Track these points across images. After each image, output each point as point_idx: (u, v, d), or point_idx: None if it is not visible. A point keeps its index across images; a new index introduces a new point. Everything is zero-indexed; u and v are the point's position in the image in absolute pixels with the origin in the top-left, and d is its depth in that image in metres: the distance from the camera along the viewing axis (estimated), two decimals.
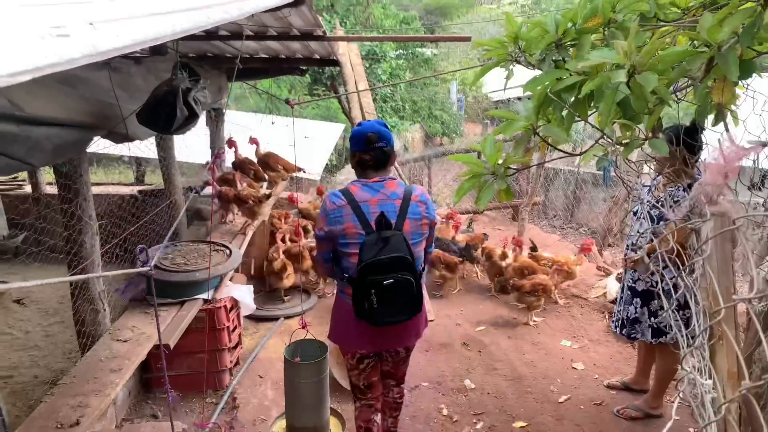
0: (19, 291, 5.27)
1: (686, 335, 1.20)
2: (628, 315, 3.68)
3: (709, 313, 1.25)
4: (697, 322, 1.25)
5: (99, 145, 3.56)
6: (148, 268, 1.57)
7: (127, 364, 3.10)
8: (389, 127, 2.81)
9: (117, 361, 3.11)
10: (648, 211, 3.33)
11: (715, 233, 1.17)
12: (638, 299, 3.61)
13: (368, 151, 2.65)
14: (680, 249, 1.45)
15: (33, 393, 3.87)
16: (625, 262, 3.63)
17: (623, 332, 3.73)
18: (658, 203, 2.99)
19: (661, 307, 3.48)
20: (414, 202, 2.68)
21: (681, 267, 1.34)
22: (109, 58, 0.97)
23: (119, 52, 1.03)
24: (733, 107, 1.81)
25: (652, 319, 3.53)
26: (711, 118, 2.00)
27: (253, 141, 5.60)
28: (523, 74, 2.05)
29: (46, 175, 6.46)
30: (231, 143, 5.48)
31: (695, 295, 1.32)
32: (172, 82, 2.90)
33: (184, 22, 1.30)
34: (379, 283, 2.49)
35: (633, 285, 3.64)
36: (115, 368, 3.05)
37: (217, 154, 5.17)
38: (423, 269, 2.81)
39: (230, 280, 4.34)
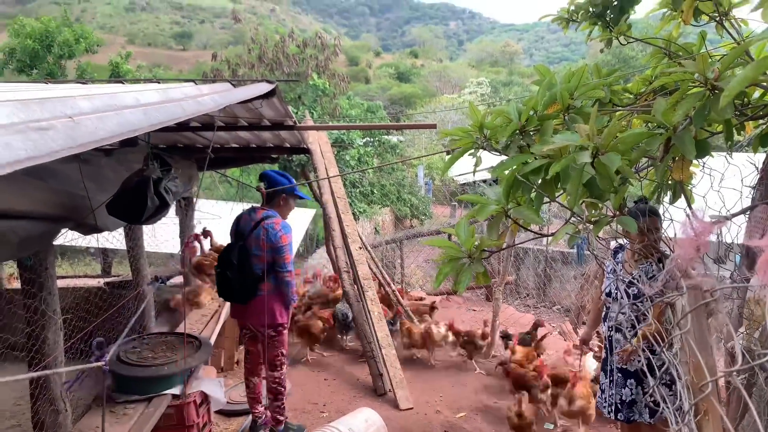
0: None
1: (674, 412, 1.19)
2: (623, 398, 3.53)
3: (692, 388, 1.24)
4: (683, 397, 1.24)
5: (66, 237, 3.50)
6: (103, 363, 1.51)
7: None
8: (288, 175, 4.31)
9: None
10: (625, 290, 3.34)
11: (692, 306, 1.19)
12: (632, 380, 3.49)
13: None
14: (658, 325, 1.46)
15: None
16: (618, 357, 3.51)
17: (619, 417, 3.56)
18: (632, 280, 3.04)
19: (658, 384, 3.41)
20: (260, 227, 4.00)
21: (661, 343, 1.35)
22: (88, 150, 0.98)
23: (98, 144, 1.04)
24: (688, 186, 1.90)
25: (648, 398, 3.41)
26: (669, 196, 2.09)
27: (206, 234, 5.48)
28: (488, 158, 2.13)
29: (8, 268, 6.27)
30: (206, 233, 5.44)
31: (678, 371, 1.32)
32: (144, 173, 2.92)
33: (160, 114, 1.33)
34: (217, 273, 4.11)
35: (625, 366, 3.51)
36: None
37: (187, 242, 5.12)
38: (264, 275, 4.00)
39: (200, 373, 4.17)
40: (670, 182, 1.99)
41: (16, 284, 5.89)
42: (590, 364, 5.51)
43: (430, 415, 4.96)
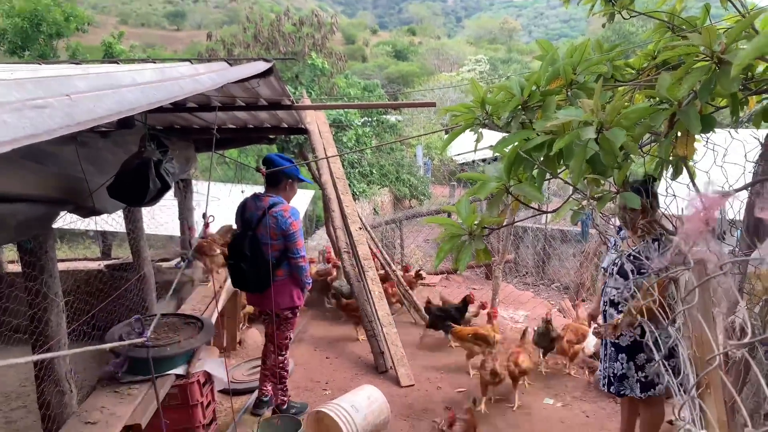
0: None
1: (677, 385, 1.19)
2: (615, 372, 3.60)
3: (696, 362, 1.24)
4: (686, 371, 1.25)
5: (64, 220, 3.49)
6: (145, 339, 1.52)
7: None
8: (292, 160, 4.20)
9: None
10: (622, 265, 3.36)
11: (698, 281, 1.19)
12: (623, 354, 3.56)
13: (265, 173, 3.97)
14: (661, 300, 1.46)
15: None
16: (604, 329, 3.57)
17: (611, 390, 3.65)
18: (631, 256, 3.04)
19: (648, 360, 3.46)
20: (267, 214, 3.94)
21: (666, 317, 1.35)
22: (85, 128, 0.97)
23: (96, 122, 1.03)
24: (690, 162, 1.89)
25: (639, 373, 3.48)
26: (670, 171, 2.08)
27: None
28: (487, 138, 2.11)
29: (8, 252, 6.27)
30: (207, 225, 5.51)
31: (681, 345, 1.33)
32: (143, 154, 2.90)
33: (158, 93, 1.31)
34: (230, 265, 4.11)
35: (616, 341, 3.57)
36: None
37: (206, 223, 5.12)
38: (279, 262, 4.01)
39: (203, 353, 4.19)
40: (671, 158, 1.98)
41: (15, 268, 5.89)
42: (590, 340, 5.55)
43: (431, 391, 5.00)
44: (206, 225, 4.86)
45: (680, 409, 1.11)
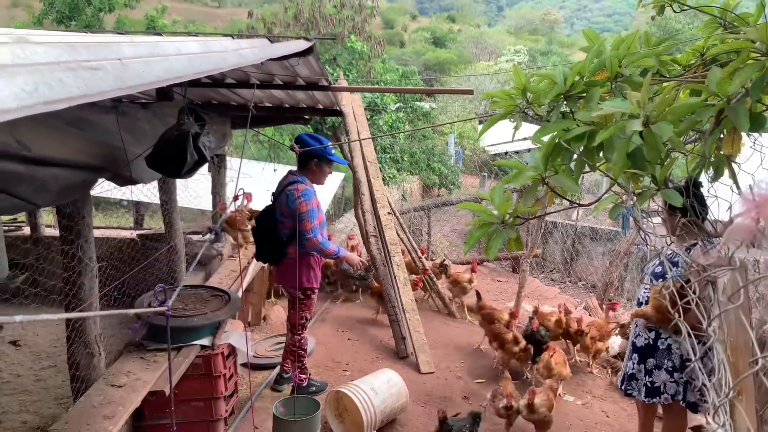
0: (13, 332, 5.16)
1: (713, 388, 1.17)
2: (626, 370, 3.62)
3: (729, 367, 1.22)
4: (719, 375, 1.22)
5: (101, 188, 3.56)
6: (166, 308, 1.55)
7: (121, 410, 3.01)
8: (323, 140, 4.26)
9: (111, 408, 3.02)
10: (654, 269, 3.33)
11: (741, 283, 1.16)
12: (636, 355, 3.55)
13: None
14: (697, 300, 1.43)
15: None
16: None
17: (622, 387, 3.66)
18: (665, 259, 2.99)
19: (657, 367, 3.43)
20: (284, 192, 4.12)
21: (701, 319, 1.32)
22: (136, 92, 0.99)
23: (146, 87, 1.05)
24: (734, 162, 1.83)
25: (647, 377, 3.47)
26: (711, 174, 2.02)
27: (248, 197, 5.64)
28: (521, 130, 2.08)
29: (46, 216, 6.44)
30: (248, 196, 5.60)
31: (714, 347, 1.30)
32: (182, 126, 2.93)
33: (203, 63, 1.32)
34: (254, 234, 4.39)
35: (634, 340, 3.60)
36: (109, 415, 2.95)
37: (236, 196, 5.19)
38: (289, 240, 4.13)
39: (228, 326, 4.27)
40: (714, 158, 1.92)
41: (52, 232, 6.05)
42: (614, 340, 5.49)
43: (450, 380, 5.01)
44: (235, 198, 4.90)
45: (714, 413, 1.09)
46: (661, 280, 3.40)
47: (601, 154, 1.68)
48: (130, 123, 3.38)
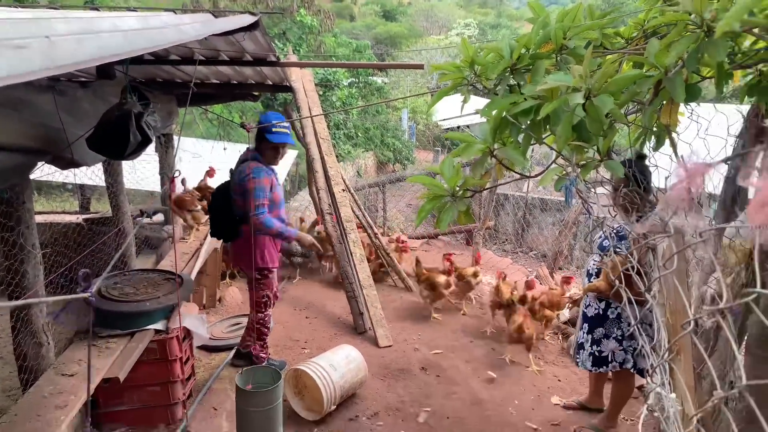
0: None
1: (651, 350, 1.23)
2: (577, 339, 3.76)
3: (669, 329, 1.28)
4: (659, 337, 1.28)
5: (42, 171, 3.42)
6: (89, 294, 1.50)
7: (74, 399, 2.94)
8: (282, 119, 4.21)
9: (62, 397, 2.94)
10: (602, 241, 3.44)
11: (677, 249, 1.21)
12: (586, 324, 3.68)
13: None
14: (639, 267, 1.49)
15: None
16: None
17: (572, 354, 3.81)
18: (612, 233, 3.09)
19: (605, 336, 3.57)
20: (237, 168, 4.12)
21: (642, 285, 1.38)
22: (66, 72, 0.94)
23: (77, 66, 1.00)
24: (673, 132, 1.90)
25: (594, 347, 3.61)
26: (653, 143, 2.09)
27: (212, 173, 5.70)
28: (472, 103, 2.10)
29: None
30: (212, 172, 5.66)
31: (654, 311, 1.36)
32: (123, 106, 2.83)
33: (141, 40, 1.27)
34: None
35: (584, 310, 3.72)
36: (61, 404, 2.88)
37: (172, 178, 5.07)
38: (241, 218, 4.09)
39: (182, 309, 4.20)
40: (655, 128, 1.99)
41: None
42: (564, 312, 5.66)
43: (408, 353, 5.09)
44: (171, 180, 4.77)
45: (652, 373, 1.14)
46: (607, 251, 3.51)
47: (547, 127, 1.71)
48: (69, 103, 3.24)
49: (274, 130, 4.01)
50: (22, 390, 3.20)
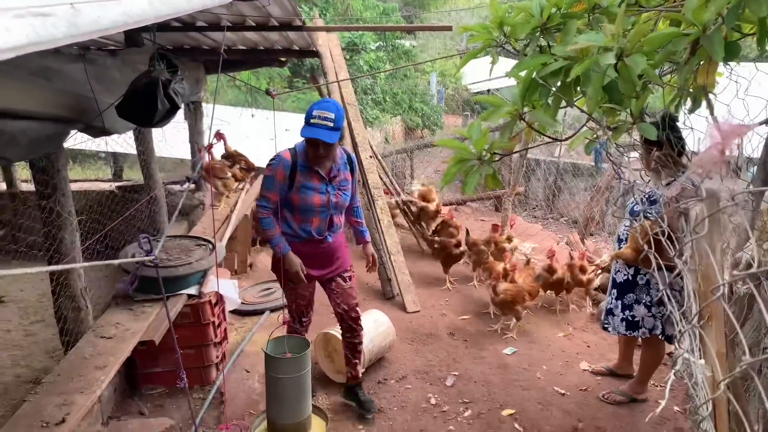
0: None
1: (680, 316, 1.21)
2: (607, 305, 3.73)
3: (700, 294, 1.25)
4: (689, 303, 1.26)
5: (75, 140, 3.49)
6: (153, 257, 1.55)
7: (112, 360, 3.05)
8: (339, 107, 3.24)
9: (102, 359, 3.06)
10: (633, 206, 3.37)
11: (709, 213, 1.18)
12: (615, 290, 3.65)
13: None
14: (670, 232, 1.46)
15: (16, 393, 3.80)
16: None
17: (602, 320, 3.80)
18: (644, 198, 3.02)
19: (636, 302, 3.54)
20: None
21: (672, 250, 1.35)
22: (91, 39, 0.95)
23: (101, 32, 1.00)
24: (711, 95, 1.82)
25: (626, 312, 3.58)
26: (688, 105, 2.01)
27: (219, 136, 5.50)
28: (502, 66, 2.04)
29: (21, 171, 6.32)
30: (219, 136, 5.46)
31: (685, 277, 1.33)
32: (151, 74, 2.85)
33: (165, 6, 1.27)
34: None
35: (614, 276, 3.68)
36: (100, 365, 2.99)
37: (210, 145, 5.08)
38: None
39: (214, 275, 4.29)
40: (691, 89, 1.91)
41: (29, 186, 5.96)
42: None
43: (435, 318, 5.12)
44: (209, 147, 4.78)
45: (680, 339, 1.13)
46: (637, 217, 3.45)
47: (578, 89, 1.67)
48: (99, 71, 3.28)
49: (311, 120, 3.02)
50: (64, 351, 3.34)
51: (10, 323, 4.79)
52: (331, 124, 3.01)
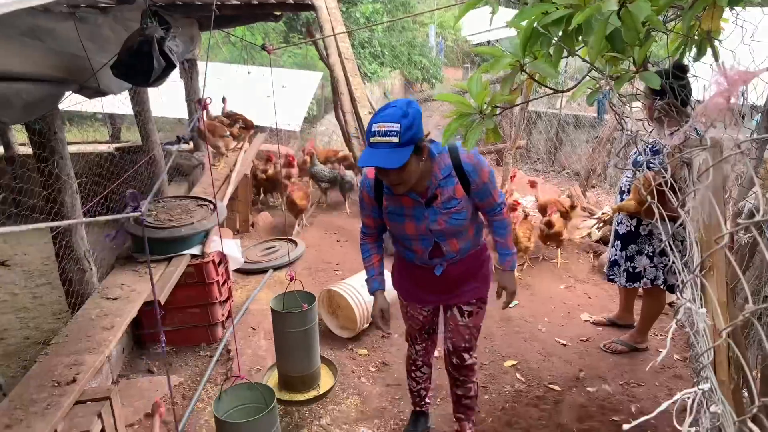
0: (1, 253, 5.19)
1: (682, 266, 1.21)
2: (610, 257, 3.75)
3: (702, 245, 1.25)
4: (691, 253, 1.26)
5: (70, 101, 3.44)
6: (140, 213, 1.54)
7: (119, 321, 3.09)
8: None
9: (108, 319, 3.10)
10: (636, 157, 3.34)
11: (712, 162, 1.16)
12: (618, 242, 3.67)
13: None
14: (672, 182, 1.45)
15: (26, 354, 3.87)
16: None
17: (606, 272, 3.83)
18: (647, 148, 2.99)
19: (638, 252, 3.55)
20: None
21: (675, 200, 1.34)
22: None
23: None
24: (716, 41, 1.78)
25: (628, 263, 3.61)
26: (693, 53, 1.97)
27: (224, 101, 5.53)
28: (502, 15, 1.99)
29: (18, 134, 6.28)
30: (224, 100, 5.46)
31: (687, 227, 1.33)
32: (145, 31, 2.78)
33: None
34: None
35: (616, 228, 3.70)
36: (107, 326, 3.04)
37: (204, 104, 5.03)
38: None
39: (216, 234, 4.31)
40: (696, 36, 1.87)
41: (28, 150, 5.92)
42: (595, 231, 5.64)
43: None
44: (204, 107, 4.70)
45: (682, 288, 1.13)
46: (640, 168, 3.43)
47: (580, 38, 1.62)
48: (90, 30, 3.21)
49: (370, 140, 2.20)
50: (71, 313, 3.38)
51: (16, 286, 4.84)
52: (396, 140, 2.13)
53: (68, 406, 2.47)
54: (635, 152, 3.44)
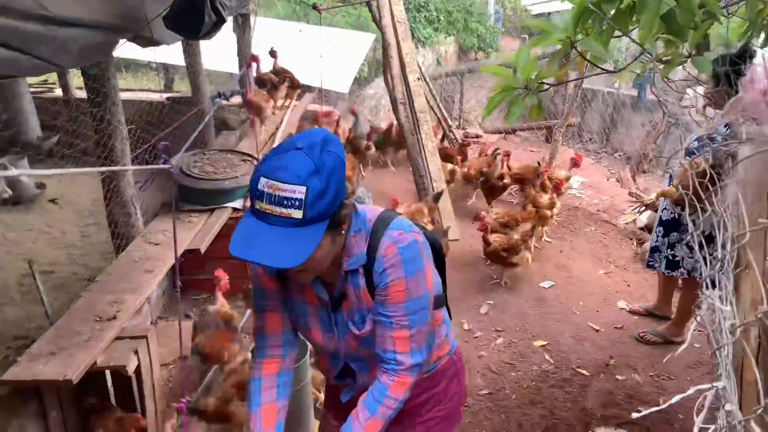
0: (53, 191, 5.42)
1: (710, 261, 1.17)
2: (652, 243, 3.68)
3: (737, 238, 1.21)
4: (723, 248, 1.22)
5: (125, 49, 3.52)
6: (170, 166, 1.58)
7: (160, 265, 3.21)
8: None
9: (150, 263, 3.23)
10: (691, 146, 3.23)
11: (744, 156, 1.11)
12: (661, 228, 3.60)
13: None
14: (714, 174, 1.39)
15: (72, 288, 4.06)
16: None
17: (647, 259, 3.76)
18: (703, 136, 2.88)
19: (679, 240, 3.47)
20: None
21: (712, 192, 1.29)
22: None
23: None
24: None
25: (669, 250, 3.54)
26: (761, 39, 1.86)
27: (273, 54, 5.49)
28: None
29: (76, 78, 6.47)
30: (273, 53, 5.42)
31: (725, 222, 1.28)
32: None
33: None
34: None
35: (660, 214, 3.62)
36: (149, 269, 3.16)
37: (254, 58, 5.05)
38: None
39: None
40: (765, 21, 1.77)
41: (84, 94, 6.11)
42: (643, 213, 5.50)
43: (475, 247, 5.13)
44: (254, 60, 4.69)
45: (702, 284, 1.10)
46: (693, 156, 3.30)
47: (633, 17, 1.56)
48: None
49: (255, 204, 1.30)
50: (115, 253, 3.53)
51: (67, 224, 5.06)
52: (298, 215, 1.24)
53: (108, 340, 2.60)
54: (691, 138, 3.32)
